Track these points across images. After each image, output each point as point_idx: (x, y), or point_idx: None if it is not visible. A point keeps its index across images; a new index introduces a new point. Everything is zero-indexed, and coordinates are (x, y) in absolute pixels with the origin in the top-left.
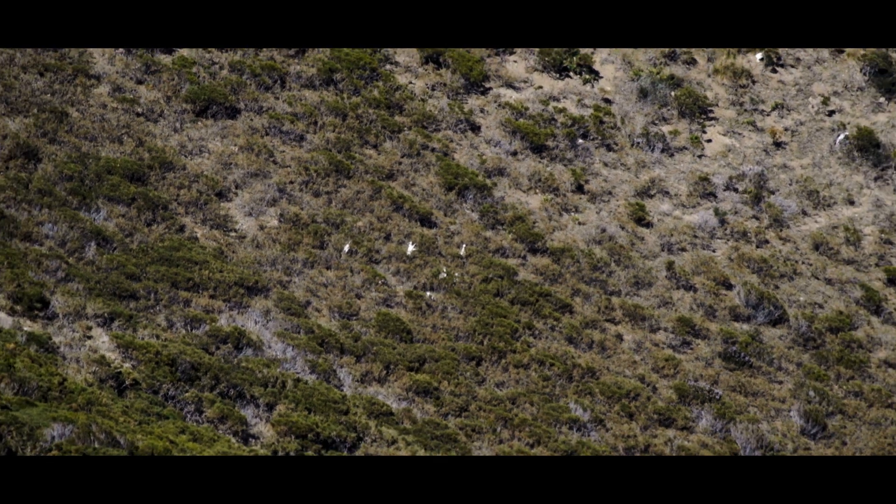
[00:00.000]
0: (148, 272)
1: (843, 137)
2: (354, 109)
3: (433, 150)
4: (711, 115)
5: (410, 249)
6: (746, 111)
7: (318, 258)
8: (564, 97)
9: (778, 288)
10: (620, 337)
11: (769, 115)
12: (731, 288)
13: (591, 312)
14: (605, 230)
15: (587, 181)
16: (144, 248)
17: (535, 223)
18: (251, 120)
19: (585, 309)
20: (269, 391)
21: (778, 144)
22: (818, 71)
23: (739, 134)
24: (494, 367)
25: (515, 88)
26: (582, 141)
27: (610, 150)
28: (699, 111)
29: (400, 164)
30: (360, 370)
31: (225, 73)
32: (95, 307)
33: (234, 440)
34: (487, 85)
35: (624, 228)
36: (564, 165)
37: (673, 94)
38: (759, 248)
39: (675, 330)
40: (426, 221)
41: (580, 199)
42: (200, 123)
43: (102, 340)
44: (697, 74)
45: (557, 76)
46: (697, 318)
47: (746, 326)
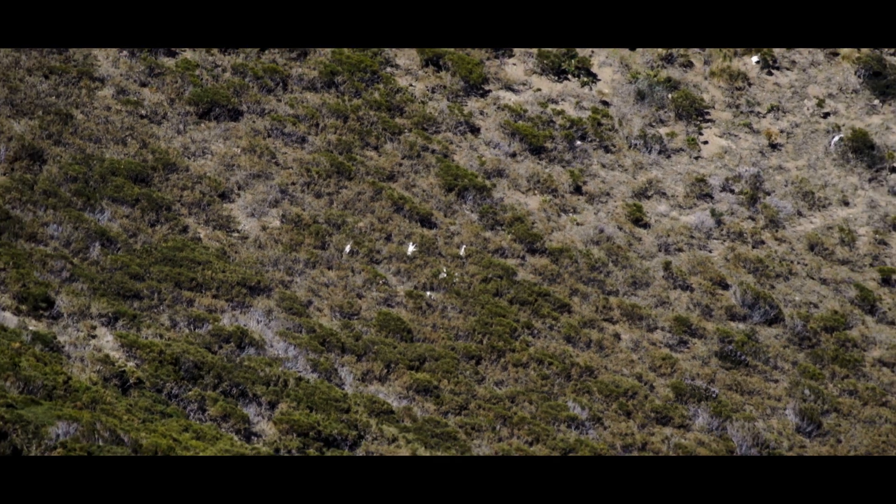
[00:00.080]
0: (151, 272)
1: (837, 139)
2: (355, 111)
3: (433, 151)
4: (708, 117)
5: (411, 250)
6: (742, 113)
7: (319, 258)
8: (563, 99)
9: (773, 288)
10: (618, 336)
11: (765, 117)
12: (727, 288)
13: (589, 312)
14: (602, 231)
15: (585, 182)
16: (148, 248)
17: (533, 224)
18: (253, 122)
19: (583, 308)
20: (271, 390)
21: (773, 146)
22: (813, 73)
23: (735, 136)
24: (494, 365)
25: (514, 91)
26: (580, 143)
27: (608, 151)
28: (696, 113)
29: (400, 165)
30: (360, 369)
31: (228, 75)
32: (100, 307)
33: (236, 438)
34: (487, 87)
35: (621, 229)
36: (563, 167)
37: (670, 96)
38: (754, 248)
39: (672, 329)
40: (426, 222)
41: (578, 200)
42: (203, 125)
43: (107, 340)
44: (694, 77)
45: (556, 79)
46: (694, 317)
47: (742, 326)
